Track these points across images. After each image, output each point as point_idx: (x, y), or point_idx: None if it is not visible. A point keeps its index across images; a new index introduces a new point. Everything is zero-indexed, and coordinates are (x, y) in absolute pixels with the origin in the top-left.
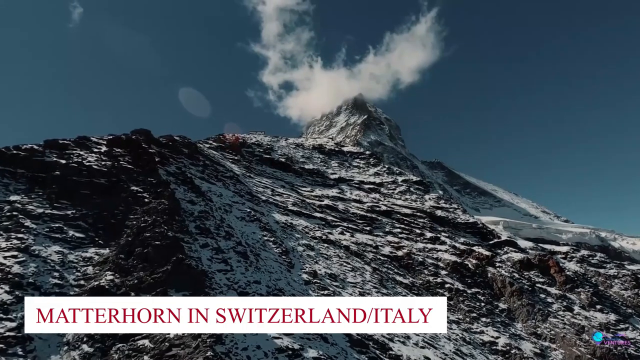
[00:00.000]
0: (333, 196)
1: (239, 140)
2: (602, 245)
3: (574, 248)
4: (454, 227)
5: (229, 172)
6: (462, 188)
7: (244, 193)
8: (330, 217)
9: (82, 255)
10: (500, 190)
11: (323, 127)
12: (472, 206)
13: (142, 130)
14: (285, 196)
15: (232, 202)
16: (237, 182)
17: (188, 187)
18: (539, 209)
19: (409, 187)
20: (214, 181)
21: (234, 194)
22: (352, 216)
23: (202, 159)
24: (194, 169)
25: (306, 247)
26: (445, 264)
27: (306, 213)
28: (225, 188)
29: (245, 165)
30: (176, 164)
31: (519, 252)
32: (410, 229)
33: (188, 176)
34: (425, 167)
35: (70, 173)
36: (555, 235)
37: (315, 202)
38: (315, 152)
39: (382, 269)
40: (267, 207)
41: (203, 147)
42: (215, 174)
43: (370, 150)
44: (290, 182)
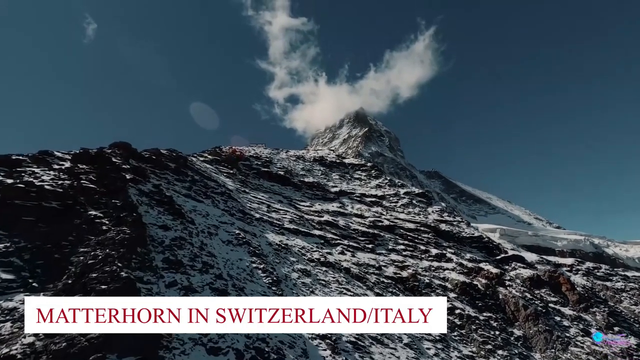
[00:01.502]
0: (333, 211)
1: (235, 153)
2: (597, 252)
3: (579, 260)
4: (459, 241)
5: (220, 188)
6: (458, 196)
7: (235, 211)
8: (330, 234)
9: (2, 306)
10: (494, 197)
11: (327, 139)
12: (468, 213)
13: (121, 144)
14: (282, 212)
15: (220, 223)
16: (229, 198)
17: (165, 208)
18: (532, 216)
19: (411, 199)
20: (201, 198)
21: (223, 212)
22: (354, 233)
23: (191, 174)
24: (180, 185)
25: (302, 272)
26: (454, 284)
27: (304, 231)
28: (214, 206)
29: (241, 179)
30: (157, 180)
31: (527, 267)
32: (415, 245)
33: (167, 195)
34: (424, 177)
35: (13, 195)
36: (550, 242)
37: (314, 218)
38: (316, 164)
39: (386, 294)
40: (261, 226)
41: (195, 161)
42: (204, 190)
43: (371, 162)
44: (289, 197)
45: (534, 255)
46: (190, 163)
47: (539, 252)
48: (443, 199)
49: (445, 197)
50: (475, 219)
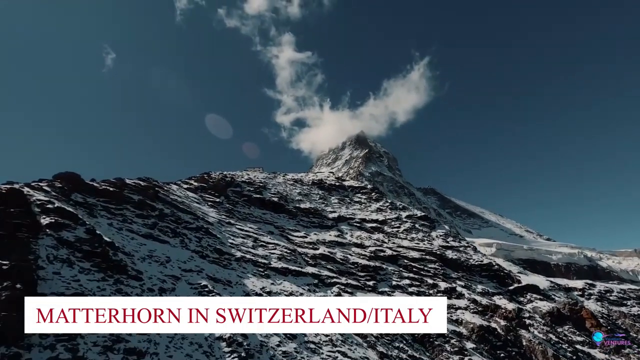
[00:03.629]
0: (330, 241)
1: (225, 179)
2: (591, 265)
3: (589, 283)
4: (468, 270)
5: (197, 222)
6: (453, 211)
7: (210, 251)
8: (326, 271)
9: None
10: (487, 212)
11: (330, 159)
12: (463, 228)
13: (66, 175)
14: (270, 247)
15: (183, 272)
16: (206, 234)
17: (95, 262)
18: (523, 229)
19: (414, 223)
20: (168, 237)
21: (192, 254)
22: (353, 267)
23: (161, 207)
24: (140, 222)
25: (285, 335)
26: (469, 329)
27: (295, 269)
28: (183, 246)
29: (228, 208)
30: (108, 219)
31: (544, 299)
32: (421, 278)
33: (106, 242)
34: (421, 194)
35: None
36: (545, 257)
37: (308, 252)
38: (315, 187)
39: (392, 352)
40: (241, 269)
41: (174, 190)
42: (173, 227)
43: (371, 181)
44: (281, 226)
45: (542, 278)
46: (164, 193)
47: (535, 266)
48: (439, 215)
49: (442, 213)
50: (471, 233)
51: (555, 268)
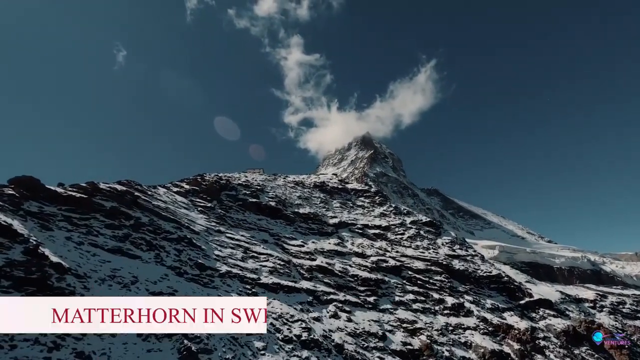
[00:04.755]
0: (329, 250)
1: (220, 182)
2: (594, 270)
3: (600, 294)
4: (476, 282)
5: (180, 231)
6: (455, 212)
7: (190, 266)
8: (322, 285)
9: None
10: (489, 213)
11: (336, 160)
12: (466, 229)
13: (21, 179)
14: (262, 258)
15: (150, 296)
16: (189, 245)
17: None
18: (525, 230)
19: (418, 230)
20: (140, 251)
21: (168, 271)
22: (352, 280)
23: (139, 214)
24: (109, 234)
25: None
26: (480, 354)
27: (287, 285)
28: (157, 262)
29: (220, 214)
30: (67, 231)
31: (557, 315)
32: (426, 292)
33: (54, 262)
34: (424, 195)
35: None
36: (548, 260)
37: (304, 263)
38: (316, 190)
39: None
40: (224, 287)
41: (158, 195)
42: (150, 238)
43: (376, 184)
44: (277, 234)
45: (552, 288)
46: (147, 198)
47: (538, 270)
48: (443, 216)
49: (445, 214)
50: (473, 234)
51: (559, 272)
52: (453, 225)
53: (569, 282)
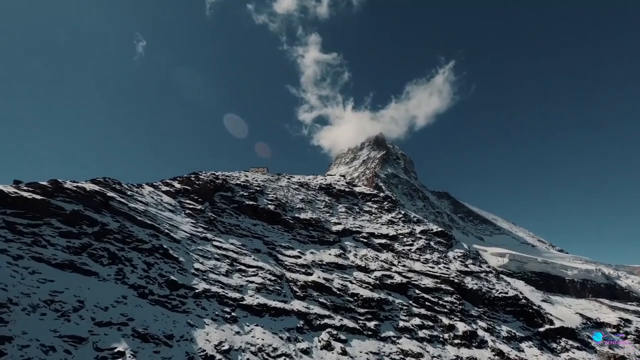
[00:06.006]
0: (329, 262)
1: (215, 182)
2: (609, 284)
3: (624, 319)
4: (491, 304)
5: (156, 239)
6: (465, 216)
7: (159, 284)
8: (317, 306)
9: None
10: (499, 219)
11: (348, 159)
12: (475, 234)
13: None
14: (250, 272)
15: (94, 327)
16: (163, 257)
17: None
18: (535, 238)
19: (428, 240)
20: (100, 265)
21: (129, 291)
22: (351, 300)
23: (107, 219)
24: (62, 245)
25: None
26: None
27: (275, 306)
28: (117, 280)
29: (210, 217)
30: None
31: (581, 347)
32: (435, 317)
33: None
34: (435, 198)
35: None
36: (560, 271)
37: (298, 279)
38: (321, 193)
39: None
40: (198, 311)
41: (138, 196)
42: (115, 249)
43: (386, 185)
44: (272, 242)
45: (572, 311)
46: (123, 200)
47: (549, 281)
48: (452, 220)
49: (454, 218)
50: (482, 240)
51: (570, 284)
52: (462, 229)
53: (582, 295)
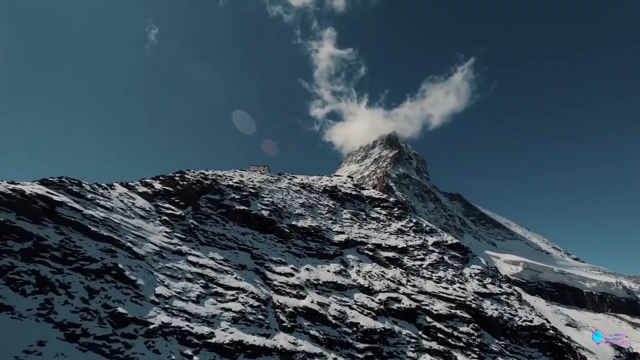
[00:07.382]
0: (326, 282)
1: (202, 182)
2: (630, 299)
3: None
4: (513, 335)
5: (112, 256)
6: (477, 219)
7: (101, 318)
8: (307, 340)
9: None
10: (512, 224)
11: (359, 157)
12: (487, 239)
13: None
14: (228, 296)
15: None
16: (115, 280)
17: None
18: (550, 245)
19: (442, 254)
20: (21, 294)
21: (53, 331)
22: (350, 332)
23: (48, 230)
24: None
25: None
26: None
27: (253, 344)
28: (40, 315)
29: (190, 226)
30: None
31: None
32: (449, 353)
33: None
34: (447, 200)
35: None
36: (578, 282)
37: (287, 303)
38: (325, 197)
39: None
40: (149, 354)
41: (101, 198)
42: (47, 272)
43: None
44: (261, 255)
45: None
46: (73, 205)
47: (565, 293)
48: (464, 224)
49: (466, 221)
50: (495, 245)
51: (588, 297)
52: (474, 234)
53: (600, 309)
